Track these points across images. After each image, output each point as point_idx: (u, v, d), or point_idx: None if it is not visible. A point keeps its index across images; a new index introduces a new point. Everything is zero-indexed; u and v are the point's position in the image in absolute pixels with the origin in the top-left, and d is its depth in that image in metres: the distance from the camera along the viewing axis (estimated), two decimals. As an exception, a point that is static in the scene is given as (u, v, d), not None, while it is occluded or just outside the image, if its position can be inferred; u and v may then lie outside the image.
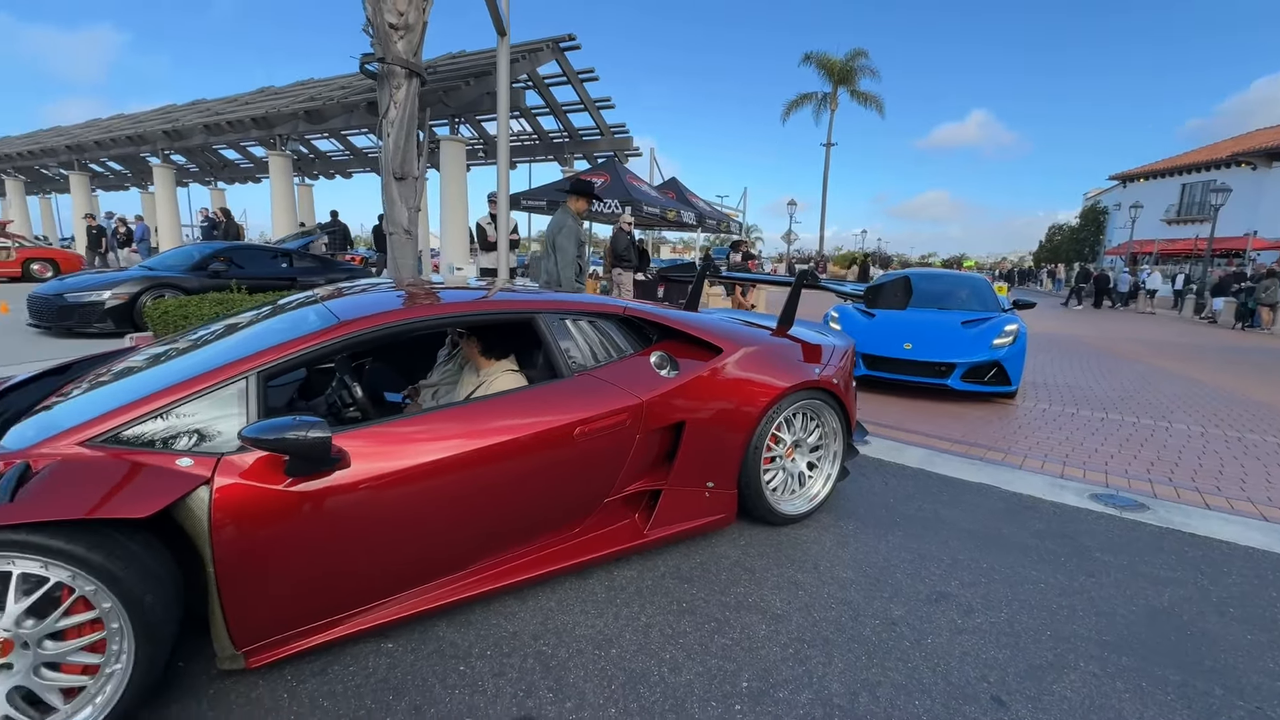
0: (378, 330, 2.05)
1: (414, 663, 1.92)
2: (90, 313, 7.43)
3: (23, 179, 24.67)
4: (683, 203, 13.69)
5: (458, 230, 10.98)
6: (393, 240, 6.75)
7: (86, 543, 1.43)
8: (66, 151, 19.84)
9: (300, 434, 1.59)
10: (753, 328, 3.09)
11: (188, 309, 6.37)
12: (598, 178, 11.93)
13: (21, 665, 1.46)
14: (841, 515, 3.08)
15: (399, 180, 6.63)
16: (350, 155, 19.01)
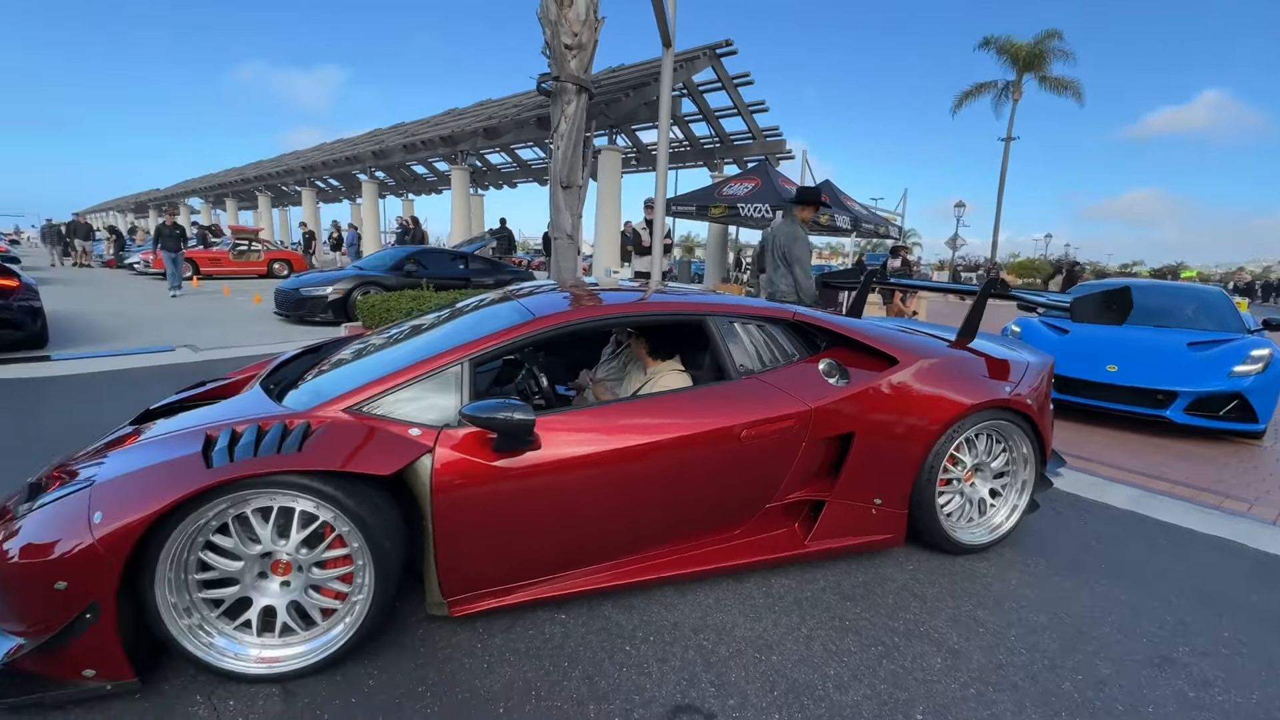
0: (567, 326, 2.24)
1: (584, 636, 2.06)
2: (317, 304, 8.93)
3: (270, 195, 30.37)
4: (837, 206, 13.09)
5: (610, 235, 11.52)
6: (556, 245, 7.27)
7: (346, 491, 1.74)
8: (301, 171, 24.07)
9: (508, 415, 1.79)
10: (929, 338, 2.88)
11: (389, 303, 7.41)
12: (749, 182, 11.84)
13: (296, 584, 1.81)
14: (1029, 552, 2.76)
15: (565, 189, 7.13)
16: (516, 167, 20.80)
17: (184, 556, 1.68)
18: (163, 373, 5.73)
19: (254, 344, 7.27)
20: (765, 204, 10.99)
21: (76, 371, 5.63)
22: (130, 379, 5.44)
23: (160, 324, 8.52)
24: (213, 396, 2.50)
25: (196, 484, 1.60)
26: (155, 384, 5.18)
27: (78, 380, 5.33)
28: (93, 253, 22.42)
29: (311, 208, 25.18)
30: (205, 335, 7.71)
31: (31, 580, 1.56)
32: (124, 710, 1.65)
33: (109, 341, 7.08)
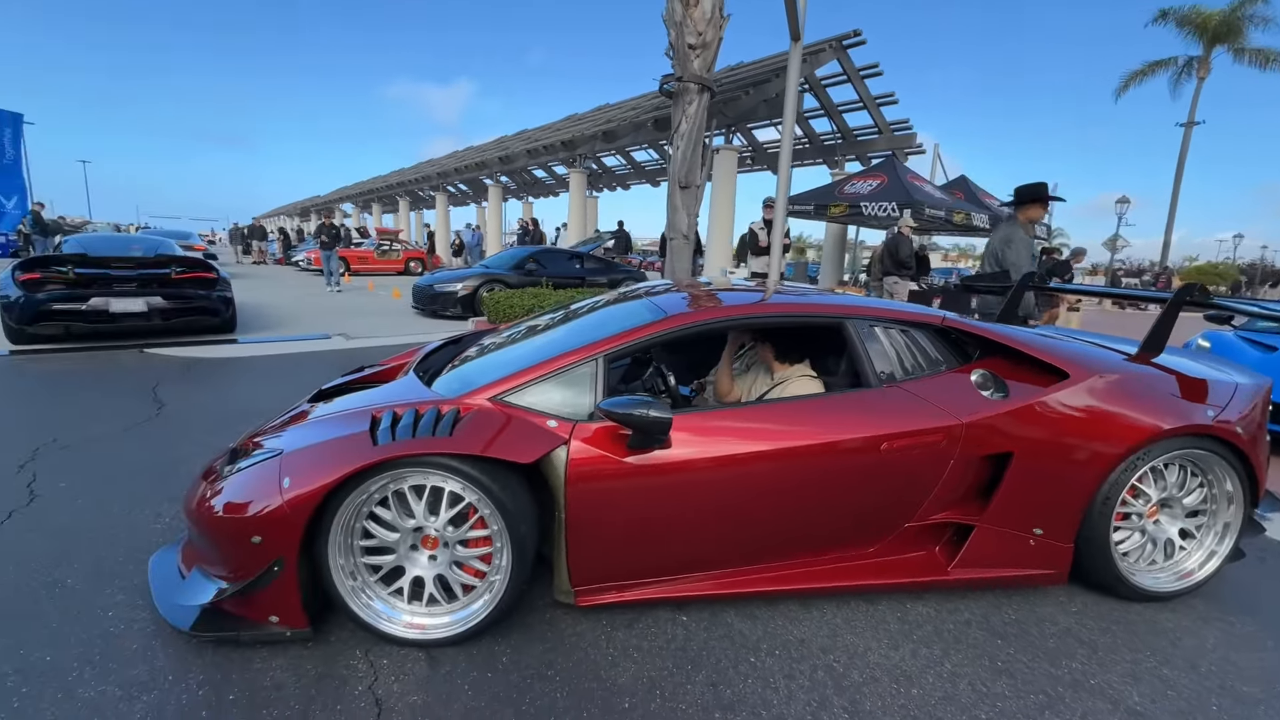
0: (699, 326, 2.21)
1: (707, 641, 2.02)
2: (449, 300, 9.66)
3: (408, 199, 33.41)
4: (973, 203, 12.02)
5: (722, 236, 11.41)
6: (672, 245, 7.29)
7: (490, 475, 1.83)
8: (436, 177, 26.24)
9: (644, 412, 1.80)
10: (1104, 350, 2.52)
11: (512, 300, 7.82)
12: (873, 179, 11.19)
13: (442, 559, 1.94)
14: (1233, 609, 2.33)
15: (683, 189, 7.13)
16: (630, 169, 21.24)
17: (351, 524, 1.86)
18: (323, 357, 6.47)
19: (395, 334, 8.01)
20: (891, 202, 10.32)
21: (257, 354, 6.50)
22: (297, 361, 6.19)
23: (317, 315, 9.64)
24: (373, 380, 2.75)
25: (364, 459, 1.76)
26: (318, 366, 5.87)
27: (259, 361, 6.16)
28: (266, 251, 25.89)
29: (443, 211, 27.33)
30: (355, 326, 8.60)
31: (234, 533, 1.80)
32: (299, 655, 1.85)
33: (278, 328, 8.11)
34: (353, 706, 1.66)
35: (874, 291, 9.79)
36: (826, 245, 15.00)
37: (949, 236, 15.40)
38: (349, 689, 1.73)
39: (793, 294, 2.60)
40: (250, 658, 1.83)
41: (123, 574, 2.23)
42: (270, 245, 26.61)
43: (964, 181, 13.28)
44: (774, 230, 6.69)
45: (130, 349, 6.31)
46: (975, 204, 12.01)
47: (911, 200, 9.95)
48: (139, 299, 6.46)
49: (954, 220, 10.74)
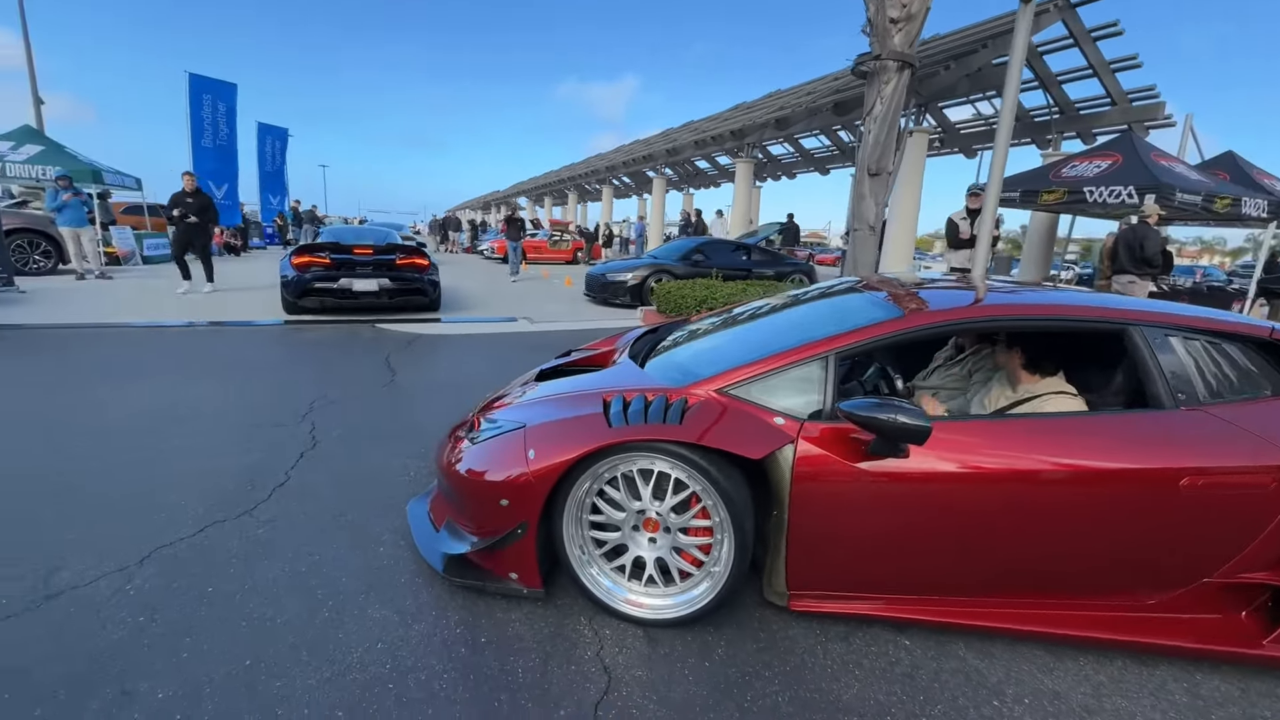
0: (943, 326, 2.01)
1: (936, 672, 1.84)
2: (619, 288, 10.07)
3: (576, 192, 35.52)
4: (1245, 185, 9.68)
5: (906, 227, 10.48)
6: (855, 236, 6.83)
7: (718, 467, 1.83)
8: (604, 171, 27.55)
9: (892, 416, 1.66)
10: None
11: (683, 290, 7.90)
12: (1103, 159, 9.50)
13: (663, 543, 1.99)
14: None
15: (873, 176, 6.64)
16: (798, 157, 20.41)
17: (583, 499, 1.97)
18: (512, 338, 7.10)
19: (573, 320, 8.54)
20: (1127, 186, 8.68)
21: (457, 332, 7.33)
22: (491, 340, 6.86)
23: (501, 300, 10.60)
24: (584, 364, 2.92)
25: (600, 440, 1.85)
26: (509, 345, 6.46)
27: (460, 339, 6.94)
28: (457, 241, 29.15)
29: (608, 203, 28.64)
30: (536, 311, 9.33)
31: (484, 495, 2.00)
32: (533, 612, 2.02)
33: (471, 310, 9.05)
34: (586, 670, 1.77)
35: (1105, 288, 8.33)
36: (1030, 238, 13.11)
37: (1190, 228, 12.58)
38: (579, 652, 1.84)
39: (1067, 294, 2.25)
40: (492, 607, 2.03)
41: (386, 516, 2.62)
42: (460, 236, 29.89)
43: (1230, 159, 10.75)
44: (983, 219, 5.95)
45: (365, 324, 7.47)
46: (1249, 186, 9.65)
47: (1158, 183, 8.27)
48: (373, 280, 7.72)
49: (1215, 208, 8.74)
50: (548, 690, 1.68)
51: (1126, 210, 8.62)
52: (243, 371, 4.96)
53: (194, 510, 2.59)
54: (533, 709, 1.62)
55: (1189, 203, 8.48)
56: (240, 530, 2.44)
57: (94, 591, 2.02)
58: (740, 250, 11.23)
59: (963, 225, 6.83)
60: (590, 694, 1.68)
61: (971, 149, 15.03)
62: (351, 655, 1.77)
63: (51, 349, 5.48)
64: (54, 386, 4.32)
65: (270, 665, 1.72)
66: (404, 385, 4.78)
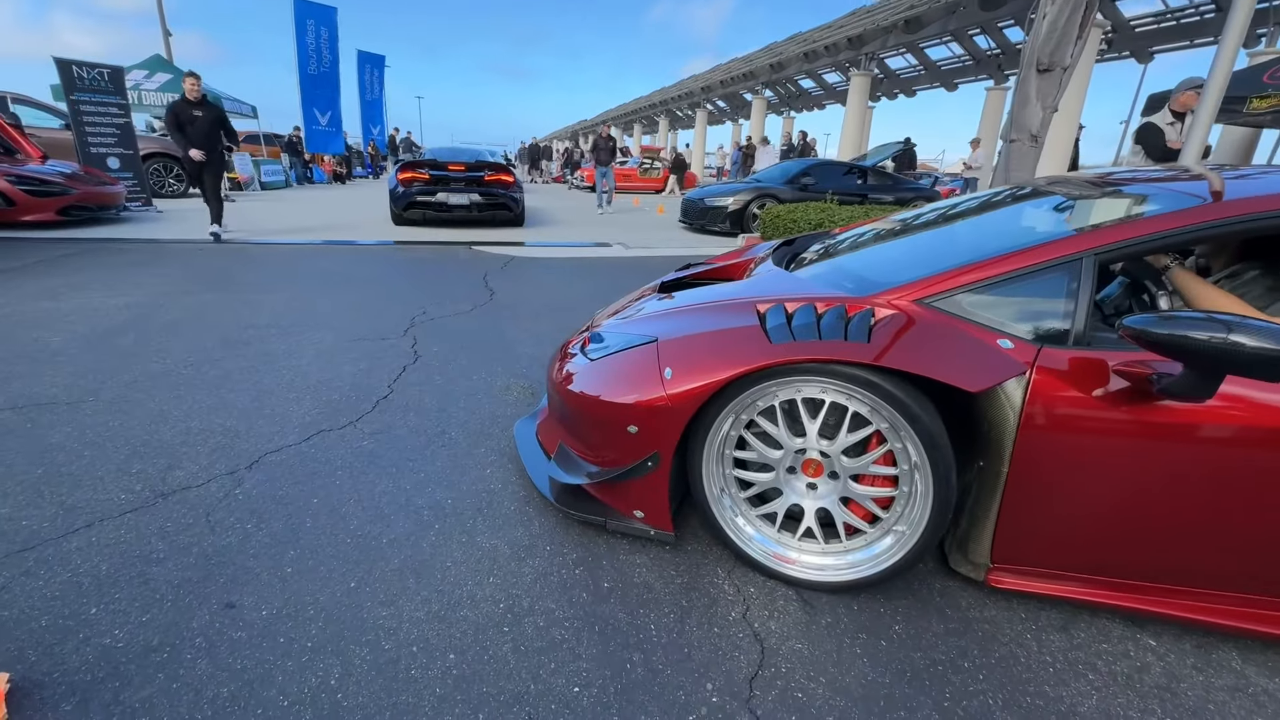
0: (1260, 219, 1.38)
1: (1205, 686, 1.36)
2: (718, 214, 9.38)
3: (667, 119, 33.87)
4: None
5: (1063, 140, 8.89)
6: (1011, 148, 5.75)
7: (915, 399, 1.38)
8: (699, 93, 25.89)
9: (1222, 336, 1.11)
10: None
11: (794, 214, 7.16)
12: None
13: (824, 491, 1.59)
14: None
15: (1042, 73, 5.47)
16: (922, 70, 18.02)
17: (728, 431, 1.60)
18: (608, 262, 6.75)
19: (667, 246, 8.05)
20: (1382, 85, 6.77)
21: (553, 256, 7.06)
22: (588, 265, 6.54)
23: (593, 226, 10.21)
24: (711, 276, 2.50)
25: (761, 358, 1.45)
26: (606, 269, 6.12)
27: (555, 262, 6.67)
28: (547, 171, 28.67)
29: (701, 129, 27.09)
30: (629, 237, 8.89)
31: (608, 419, 1.67)
32: (660, 557, 1.72)
33: (562, 235, 8.75)
34: (732, 634, 1.45)
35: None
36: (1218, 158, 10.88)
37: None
38: (721, 611, 1.52)
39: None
40: (615, 547, 1.75)
41: (490, 435, 2.40)
42: (550, 166, 29.28)
43: None
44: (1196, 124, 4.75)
45: (462, 245, 7.37)
46: None
47: None
48: (464, 195, 8.60)
49: None
50: (689, 655, 1.38)
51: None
52: (348, 287, 4.95)
53: (301, 418, 2.48)
54: (672, 676, 1.33)
55: None
56: (345, 441, 2.31)
57: (205, 494, 1.93)
58: (854, 173, 10.09)
59: (1169, 131, 5.55)
60: (742, 666, 1.36)
61: (1147, 51, 12.52)
62: (461, 589, 1.55)
63: (179, 261, 5.75)
64: (179, 294, 4.48)
65: (376, 590, 1.53)
66: (504, 304, 4.58)
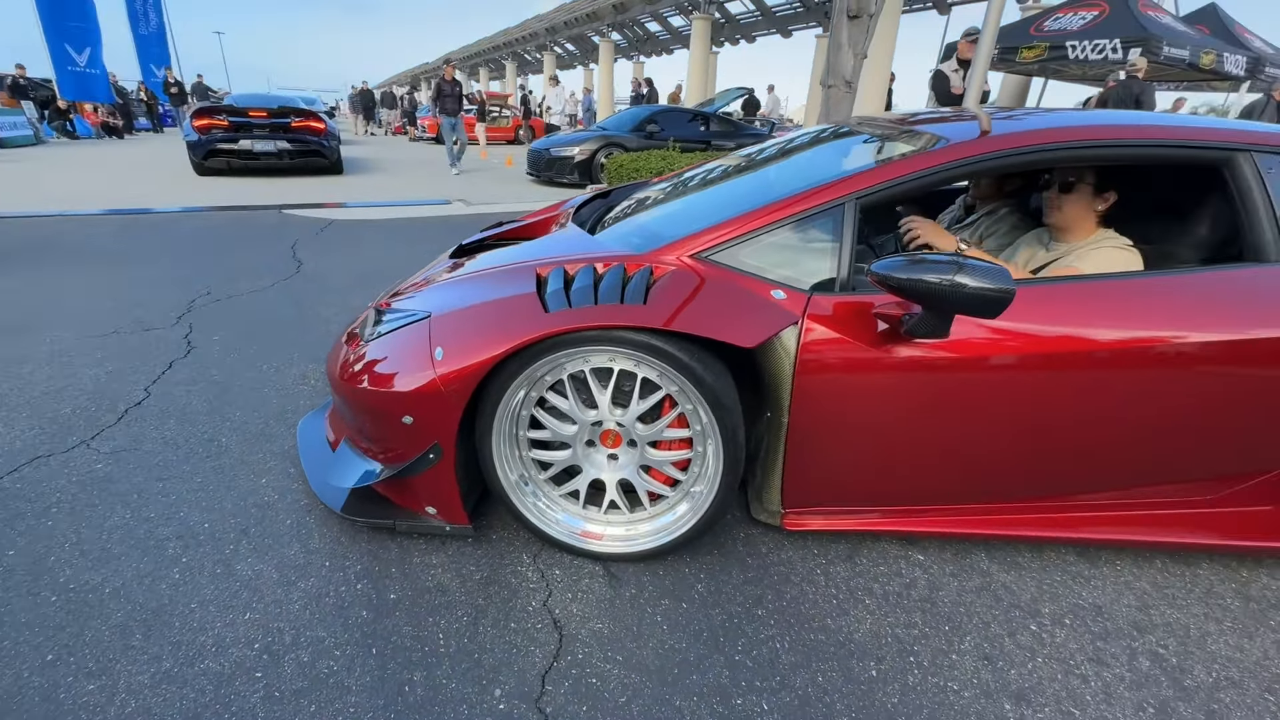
0: (1008, 155, 1.46)
1: (959, 593, 1.52)
2: (564, 165, 9.03)
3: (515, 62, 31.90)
4: (1226, 41, 9.14)
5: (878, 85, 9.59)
6: (830, 94, 6.04)
7: (700, 361, 1.33)
8: (544, 34, 24.53)
9: (954, 279, 1.16)
10: None
11: (637, 163, 7.06)
12: (1087, 10, 8.71)
13: (625, 460, 1.53)
14: None
15: (852, 19, 5.74)
16: (758, 15, 18.45)
17: (518, 410, 1.47)
18: (445, 221, 6.22)
19: (515, 201, 7.62)
20: (1113, 40, 8.03)
21: (382, 217, 6.37)
22: (421, 226, 5.98)
23: (434, 181, 9.41)
24: (517, 235, 2.30)
25: (534, 330, 1.31)
26: (441, 230, 5.63)
27: (385, 224, 6.02)
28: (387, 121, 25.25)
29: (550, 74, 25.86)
30: (473, 192, 8.30)
31: (381, 409, 1.47)
32: (460, 552, 1.58)
33: (397, 193, 7.96)
34: (528, 626, 1.36)
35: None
36: (1000, 102, 12.41)
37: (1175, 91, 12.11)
38: (520, 602, 1.43)
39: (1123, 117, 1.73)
40: (409, 550, 1.57)
41: (274, 436, 2.07)
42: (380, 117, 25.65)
43: (1213, 11, 10.07)
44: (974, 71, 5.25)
45: (270, 210, 6.40)
46: (1230, 43, 9.12)
47: (1147, 35, 7.65)
48: (271, 142, 8.27)
49: (1201, 64, 8.23)
50: (479, 661, 1.27)
51: (1108, 68, 8.01)
52: (113, 267, 4.07)
53: (11, 444, 1.97)
54: (457, 689, 1.21)
55: (1176, 58, 7.94)
56: (70, 467, 1.86)
57: None
58: (698, 120, 10.16)
59: (954, 78, 6.10)
60: (536, 661, 1.28)
61: (946, 4, 13.78)
62: (206, 634, 1.30)
63: None
64: None
65: (84, 658, 1.24)
66: (314, 276, 4.03)
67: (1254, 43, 9.57)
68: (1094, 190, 1.63)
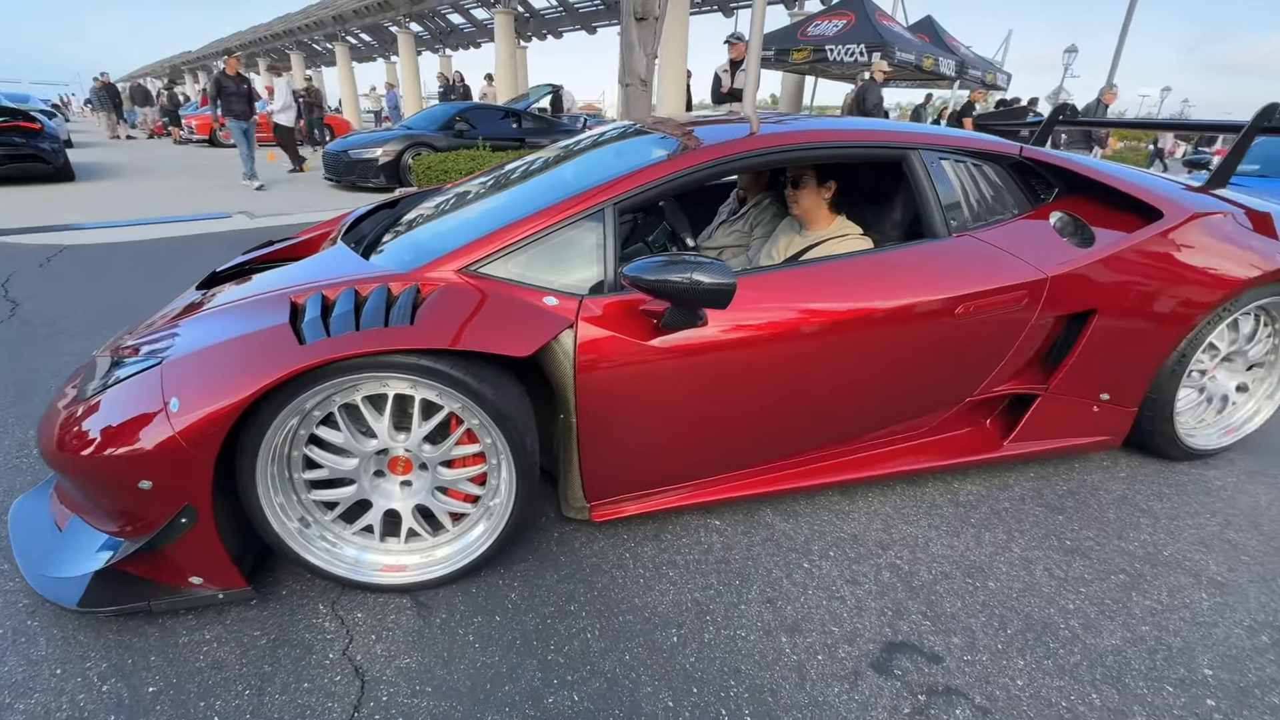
0: (743, 159, 1.66)
1: (749, 548, 1.72)
2: (367, 168, 8.35)
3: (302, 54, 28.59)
4: (940, 48, 11.16)
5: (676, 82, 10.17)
6: (628, 92, 6.31)
7: (476, 376, 1.33)
8: (332, 23, 22.24)
9: (690, 276, 1.29)
10: (1178, 185, 2.15)
11: (445, 164, 6.77)
12: (839, 18, 10.08)
13: (420, 485, 1.48)
14: (1272, 460, 2.23)
15: (639, 21, 6.03)
16: (563, 11, 18.55)
17: (285, 452, 1.35)
18: (220, 239, 5.43)
19: (309, 210, 6.88)
20: (860, 44, 9.39)
21: (138, 238, 5.38)
22: (188, 246, 5.16)
23: (210, 191, 8.17)
24: (286, 257, 2.09)
25: (288, 366, 1.21)
26: (214, 250, 4.90)
27: (140, 246, 5.09)
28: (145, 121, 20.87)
29: (345, 66, 23.63)
30: (260, 201, 7.35)
31: (113, 477, 1.26)
32: (242, 618, 1.42)
33: (162, 208, 6.78)
34: (325, 682, 1.27)
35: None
36: (783, 101, 13.90)
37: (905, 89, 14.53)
38: (316, 658, 1.32)
39: (847, 122, 2.05)
40: (173, 630, 1.38)
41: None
42: (133, 115, 21.25)
43: (929, 23, 12.23)
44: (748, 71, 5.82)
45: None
46: (942, 49, 11.16)
47: (883, 41, 9.06)
48: None
49: (924, 66, 9.96)
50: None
51: (860, 69, 9.36)
52: None
53: None
54: (241, 771, 1.10)
55: (906, 61, 9.50)
56: None
57: None
58: (510, 117, 9.99)
59: (724, 78, 6.70)
60: (333, 716, 1.20)
61: (729, 7, 15.02)
62: None
63: None
64: None
65: None
66: (33, 320, 3.28)
67: (960, 49, 11.81)
68: (818, 183, 1.92)
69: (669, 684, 1.30)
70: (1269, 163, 5.12)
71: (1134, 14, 13.04)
